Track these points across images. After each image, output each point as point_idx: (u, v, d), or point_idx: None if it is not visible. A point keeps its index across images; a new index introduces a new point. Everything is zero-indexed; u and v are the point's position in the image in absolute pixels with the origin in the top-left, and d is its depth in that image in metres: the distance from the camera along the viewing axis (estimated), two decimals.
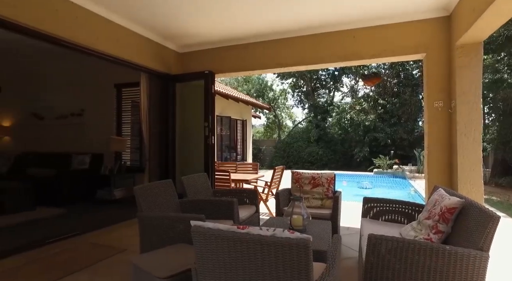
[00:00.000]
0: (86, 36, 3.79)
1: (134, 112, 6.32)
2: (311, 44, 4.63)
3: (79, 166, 6.03)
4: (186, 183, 3.49)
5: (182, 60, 5.59)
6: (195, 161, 5.40)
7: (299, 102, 23.08)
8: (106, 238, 3.93)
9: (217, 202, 3.19)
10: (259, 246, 1.37)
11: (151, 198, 2.86)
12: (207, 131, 4.91)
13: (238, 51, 5.10)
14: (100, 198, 5.68)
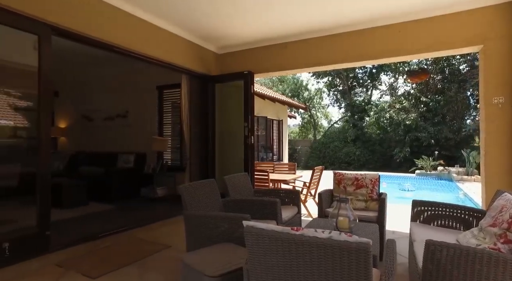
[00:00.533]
0: (136, 41, 3.98)
1: (174, 113, 6.53)
2: (353, 41, 4.49)
3: (124, 165, 6.36)
4: (228, 182, 3.53)
5: (221, 61, 5.68)
6: (234, 161, 5.47)
7: (335, 101, 22.57)
8: (152, 234, 4.09)
9: (260, 202, 3.19)
10: (315, 249, 1.33)
11: (196, 197, 2.92)
12: (247, 131, 4.94)
13: (277, 50, 5.08)
14: (144, 196, 5.94)
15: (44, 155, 3.11)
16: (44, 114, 3.11)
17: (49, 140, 3.19)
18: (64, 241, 3.34)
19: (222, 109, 5.61)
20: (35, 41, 3.13)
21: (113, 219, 4.55)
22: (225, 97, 5.62)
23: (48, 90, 3.14)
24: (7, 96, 7.47)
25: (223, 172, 5.52)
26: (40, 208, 3.07)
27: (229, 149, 5.56)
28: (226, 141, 5.60)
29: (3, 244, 2.80)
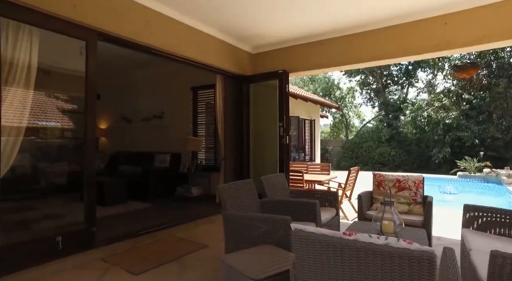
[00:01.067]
0: (172, 43, 4.06)
1: (209, 113, 6.62)
2: (395, 36, 4.27)
3: (160, 164, 6.54)
4: (265, 183, 3.49)
5: (255, 61, 5.66)
6: (268, 161, 5.43)
7: (368, 100, 21.88)
8: (189, 233, 4.16)
9: (298, 203, 3.12)
10: (371, 256, 1.25)
11: (235, 197, 2.91)
12: (282, 131, 4.88)
13: (313, 48, 4.97)
14: (179, 195, 6.07)
15: (89, 155, 3.26)
16: (90, 116, 3.26)
17: (94, 140, 3.33)
18: (108, 237, 3.48)
19: (256, 109, 5.59)
20: (81, 47, 3.29)
21: (151, 217, 4.68)
22: (258, 97, 5.60)
23: (93, 93, 3.28)
24: (56, 100, 7.99)
25: (257, 172, 5.50)
26: (86, 205, 3.22)
27: (262, 149, 5.53)
28: (259, 141, 5.58)
29: (57, 238, 2.97)
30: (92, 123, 3.30)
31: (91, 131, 3.28)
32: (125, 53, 5.95)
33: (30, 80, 2.95)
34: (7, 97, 2.79)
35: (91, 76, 3.25)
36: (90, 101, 3.25)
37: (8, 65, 2.77)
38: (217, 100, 5.33)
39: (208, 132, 6.67)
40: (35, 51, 2.97)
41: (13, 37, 2.81)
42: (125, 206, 5.33)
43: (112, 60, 6.52)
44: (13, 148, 2.86)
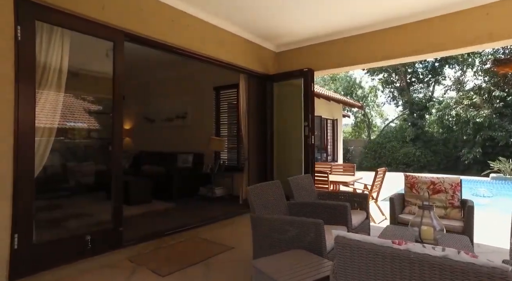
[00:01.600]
0: (197, 42, 4.03)
1: (231, 113, 6.58)
2: (427, 30, 4.05)
3: (183, 164, 6.56)
4: (292, 184, 3.39)
5: (278, 60, 5.56)
6: (292, 161, 5.31)
7: (391, 99, 21.24)
8: (214, 234, 4.11)
9: (328, 206, 2.99)
10: (428, 270, 1.13)
11: (262, 199, 2.83)
12: (307, 130, 4.75)
13: (338, 45, 4.81)
14: (202, 195, 6.06)
15: (117, 155, 3.27)
16: (117, 116, 3.27)
17: (121, 141, 3.35)
18: (135, 237, 3.48)
19: (280, 109, 5.49)
20: (108, 49, 3.31)
21: (176, 217, 4.68)
22: (282, 96, 5.49)
23: (119, 94, 3.29)
24: (83, 101, 8.18)
25: (281, 173, 5.40)
26: (114, 205, 3.23)
27: (286, 149, 5.42)
28: (283, 141, 5.47)
29: (86, 237, 2.99)
30: (119, 124, 3.32)
31: (118, 132, 3.29)
32: (148, 53, 6.01)
33: (61, 83, 2.99)
34: (40, 99, 2.84)
35: (118, 77, 3.26)
36: (117, 102, 3.26)
37: (42, 69, 2.82)
38: (240, 100, 5.27)
39: (230, 132, 6.63)
40: (66, 53, 3.01)
41: (46, 40, 2.85)
42: (149, 205, 5.37)
43: (135, 61, 6.61)
44: (45, 148, 2.90)
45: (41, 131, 2.86)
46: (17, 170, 2.52)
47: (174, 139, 7.34)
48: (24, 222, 2.57)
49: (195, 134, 6.93)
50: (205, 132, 6.70)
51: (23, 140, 2.57)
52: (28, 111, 2.61)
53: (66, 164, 6.59)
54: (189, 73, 7.05)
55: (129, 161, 7.70)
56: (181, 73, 7.20)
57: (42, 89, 2.84)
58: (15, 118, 2.52)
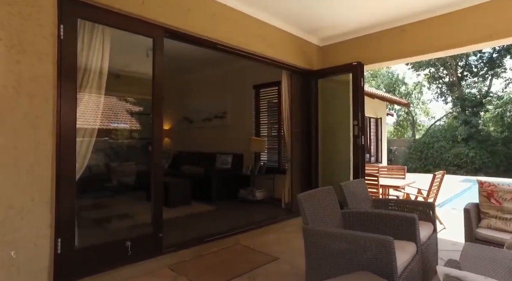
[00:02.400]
0: (238, 37, 3.80)
1: (272, 112, 6.30)
2: (502, 12, 3.46)
3: (222, 165, 6.40)
4: (346, 190, 3.02)
5: (323, 54, 5.18)
6: (340, 163, 4.92)
7: (439, 96, 19.72)
8: (256, 241, 3.85)
9: (390, 217, 2.59)
10: None
11: (314, 208, 2.50)
12: (357, 130, 4.34)
13: (392, 36, 4.33)
14: (242, 198, 5.84)
15: (157, 157, 3.13)
16: (156, 117, 3.12)
17: (161, 141, 3.20)
18: (175, 243, 3.32)
19: (325, 107, 5.11)
20: (148, 49, 3.18)
21: (216, 221, 4.48)
22: (327, 93, 5.11)
23: (159, 93, 3.14)
24: (124, 102, 8.35)
25: (327, 176, 5.03)
26: (153, 210, 3.08)
27: (333, 150, 5.03)
28: (328, 142, 5.09)
29: (126, 243, 2.86)
30: (159, 125, 3.16)
31: (157, 133, 3.14)
32: (187, 53, 5.92)
33: (102, 83, 2.89)
34: (82, 100, 2.76)
35: (157, 76, 3.11)
36: (156, 102, 3.11)
37: (83, 69, 2.74)
38: (282, 98, 4.96)
39: (270, 133, 6.34)
40: (107, 53, 2.91)
41: (88, 39, 2.77)
42: (189, 208, 5.25)
43: (173, 60, 6.57)
44: (87, 149, 2.82)
45: (83, 132, 2.77)
46: (59, 173, 2.43)
47: (213, 140, 7.23)
48: (67, 226, 2.48)
49: (234, 134, 6.74)
50: (245, 132, 6.48)
51: (64, 141, 2.47)
52: (69, 112, 2.51)
53: (108, 164, 6.75)
54: (227, 72, 6.89)
55: (168, 161, 7.73)
56: (220, 72, 7.06)
57: (83, 90, 2.75)
58: (56, 120, 2.43)
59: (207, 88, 7.52)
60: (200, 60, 6.47)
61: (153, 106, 3.10)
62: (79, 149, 2.71)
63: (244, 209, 5.27)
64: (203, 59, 6.40)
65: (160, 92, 3.14)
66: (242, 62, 6.45)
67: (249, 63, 6.36)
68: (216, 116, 7.15)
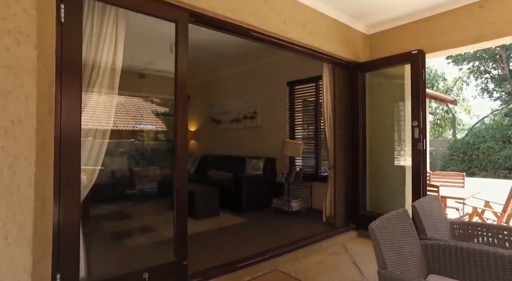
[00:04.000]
0: (274, 22, 3.18)
1: (308, 112, 5.62)
2: None
3: (253, 171, 5.81)
4: (422, 211, 2.31)
5: (370, 44, 4.45)
6: (392, 171, 4.18)
7: (484, 92, 18.03)
8: (298, 267, 3.21)
9: (503, 258, 1.85)
10: None
11: (390, 242, 1.83)
12: (417, 132, 3.57)
13: (462, 15, 3.53)
14: (276, 208, 5.22)
15: (181, 172, 2.57)
16: (181, 118, 2.57)
17: (186, 147, 2.64)
18: (202, 271, 2.76)
19: (373, 105, 4.38)
20: (171, 43, 2.65)
21: (248, 239, 3.89)
22: (373, 90, 4.37)
23: (183, 89, 2.59)
24: (151, 103, 7.97)
25: (376, 185, 4.30)
26: (177, 234, 2.52)
27: (383, 155, 4.29)
28: (378, 146, 4.35)
29: (144, 275, 2.33)
30: (183, 125, 2.61)
31: (182, 135, 2.58)
32: (213, 46, 5.39)
33: (115, 78, 2.39)
34: (90, 99, 2.27)
35: (181, 69, 2.57)
36: (180, 100, 2.56)
37: (91, 60, 2.24)
38: (324, 95, 4.28)
39: (307, 135, 5.66)
40: (121, 43, 2.40)
41: (98, 24, 2.27)
42: (217, 220, 4.71)
43: (200, 57, 6.07)
44: (98, 156, 2.32)
45: (92, 134, 2.27)
46: (58, 191, 1.93)
47: (243, 142, 6.66)
48: (69, 257, 1.97)
49: (265, 136, 6.13)
50: (278, 134, 5.86)
51: (66, 150, 1.97)
52: (73, 113, 2.01)
53: (131, 169, 6.37)
54: (258, 68, 6.30)
55: (194, 165, 7.27)
56: (249, 68, 6.49)
57: (91, 86, 2.25)
58: (55, 123, 1.92)
59: (236, 86, 6.96)
60: (228, 55, 5.93)
61: (176, 105, 2.55)
62: (86, 158, 2.21)
63: (280, 223, 4.64)
64: (230, 54, 5.85)
65: (184, 89, 2.60)
66: (274, 56, 5.84)
67: (282, 58, 5.76)
68: (245, 116, 6.57)
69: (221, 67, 6.83)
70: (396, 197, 4.13)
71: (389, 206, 4.15)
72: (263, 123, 6.19)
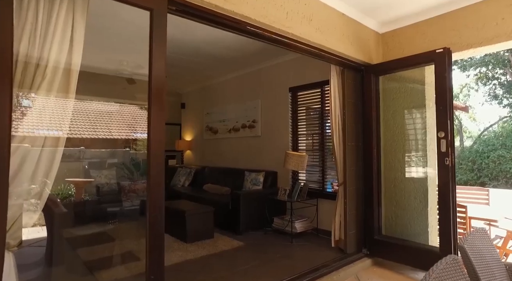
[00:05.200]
0: (276, 15, 2.66)
1: (313, 120, 5.08)
2: None
3: (252, 185, 5.24)
4: (473, 254, 1.74)
5: (383, 43, 3.94)
6: (409, 187, 3.62)
7: (492, 98, 17.47)
8: None
9: None
10: None
11: None
12: (444, 145, 3.02)
13: (492, 8, 3.01)
14: (277, 229, 4.63)
15: (155, 180, 2.01)
16: (156, 124, 2.03)
17: (161, 156, 2.06)
18: None
19: (385, 113, 3.84)
20: None
21: (247, 269, 3.31)
22: (387, 95, 3.84)
23: (159, 98, 2.03)
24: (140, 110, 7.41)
25: (392, 204, 3.73)
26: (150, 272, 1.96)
27: (399, 170, 3.73)
28: (394, 159, 3.79)
29: None
30: (158, 140, 2.05)
31: (157, 151, 2.03)
32: (207, 49, 4.89)
33: (71, 79, 1.86)
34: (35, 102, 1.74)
35: (157, 67, 2.03)
36: (155, 104, 2.02)
37: (34, 65, 1.72)
38: (332, 102, 3.75)
39: (312, 145, 5.10)
40: (80, 38, 1.88)
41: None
42: (211, 243, 4.13)
43: (195, 61, 5.58)
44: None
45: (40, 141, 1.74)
46: None
47: (241, 153, 6.12)
48: None
49: (266, 147, 5.59)
50: (279, 144, 5.31)
51: None
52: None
53: (119, 183, 5.78)
54: (257, 72, 5.80)
55: (189, 178, 6.72)
56: (248, 72, 5.99)
57: (35, 88, 1.72)
58: None
59: (233, 92, 6.45)
60: (224, 59, 5.43)
61: (150, 114, 2.01)
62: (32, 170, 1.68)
63: (281, 247, 4.05)
64: (227, 58, 5.35)
65: (160, 94, 2.05)
66: (274, 59, 5.34)
67: (283, 61, 5.24)
68: (244, 125, 6.04)
69: (217, 71, 6.33)
70: (417, 219, 3.56)
71: (408, 230, 3.58)
72: (263, 133, 5.65)
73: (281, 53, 5.07)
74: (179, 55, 5.13)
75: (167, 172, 7.00)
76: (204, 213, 4.39)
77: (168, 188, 6.42)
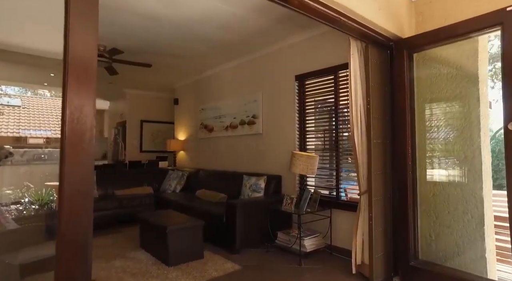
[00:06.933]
0: None
1: (322, 115, 4.25)
2: None
3: (251, 192, 4.40)
4: None
5: (416, 13, 3.09)
6: (456, 198, 2.77)
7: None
8: None
9: None
10: None
11: None
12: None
13: None
14: (282, 247, 3.80)
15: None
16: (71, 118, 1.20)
17: (90, 184, 1.26)
18: None
19: (420, 103, 2.99)
20: None
21: None
22: (422, 80, 2.99)
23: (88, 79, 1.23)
24: None
25: (431, 220, 2.88)
26: None
27: (442, 175, 2.88)
28: (428, 160, 2.94)
29: None
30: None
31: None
32: (200, 31, 4.09)
33: None
34: None
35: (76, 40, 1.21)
36: (73, 80, 1.20)
37: None
38: (352, 89, 2.90)
39: (324, 145, 4.25)
40: None
41: None
42: (198, 266, 3.29)
43: (183, 48, 4.78)
44: None
45: None
46: None
47: (239, 154, 5.30)
48: None
49: (268, 146, 4.76)
50: (284, 143, 4.49)
51: None
52: None
53: None
54: (257, 59, 4.98)
55: (181, 183, 5.92)
56: (247, 60, 5.18)
57: None
58: None
59: (231, 83, 5.63)
60: (219, 44, 4.61)
61: (65, 89, 1.19)
62: None
63: (289, 272, 3.21)
64: (222, 43, 4.54)
65: (89, 74, 1.23)
66: (276, 43, 4.50)
67: (287, 44, 4.37)
68: (242, 121, 5.21)
69: (212, 60, 5.50)
70: (468, 240, 2.70)
71: (455, 255, 2.72)
72: (264, 130, 4.81)
73: (285, 34, 4.25)
74: (163, 37, 4.32)
75: (157, 176, 6.20)
76: (192, 229, 3.55)
77: (157, 194, 5.61)
